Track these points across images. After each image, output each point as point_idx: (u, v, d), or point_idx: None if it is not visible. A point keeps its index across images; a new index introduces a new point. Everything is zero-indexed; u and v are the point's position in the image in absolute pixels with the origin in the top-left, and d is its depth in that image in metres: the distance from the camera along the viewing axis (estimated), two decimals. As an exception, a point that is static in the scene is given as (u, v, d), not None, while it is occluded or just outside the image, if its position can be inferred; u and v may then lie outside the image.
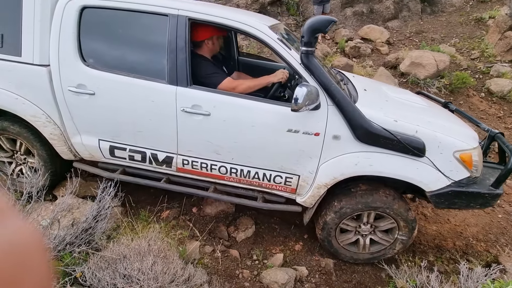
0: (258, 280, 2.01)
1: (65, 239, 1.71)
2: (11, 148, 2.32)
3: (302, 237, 2.41)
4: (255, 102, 1.82)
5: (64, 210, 1.96)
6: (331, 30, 6.36)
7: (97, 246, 1.81)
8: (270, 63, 2.89)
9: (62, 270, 1.58)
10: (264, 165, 1.96)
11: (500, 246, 2.51)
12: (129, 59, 1.90)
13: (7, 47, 1.89)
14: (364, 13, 6.65)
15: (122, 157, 2.10)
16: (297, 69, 1.75)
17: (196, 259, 2.05)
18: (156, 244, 1.75)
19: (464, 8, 6.75)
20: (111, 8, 1.82)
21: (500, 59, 5.14)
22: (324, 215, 2.04)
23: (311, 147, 1.82)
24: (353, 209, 1.96)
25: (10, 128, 2.17)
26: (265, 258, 2.19)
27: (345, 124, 1.74)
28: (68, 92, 1.91)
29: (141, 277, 1.55)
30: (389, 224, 2.06)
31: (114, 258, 1.63)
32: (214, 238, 2.28)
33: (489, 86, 4.60)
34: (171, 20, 1.78)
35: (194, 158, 2.00)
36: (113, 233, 2.03)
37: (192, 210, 2.49)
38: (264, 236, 2.38)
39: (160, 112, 1.87)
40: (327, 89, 1.70)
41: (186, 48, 1.79)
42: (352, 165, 1.80)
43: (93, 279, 1.55)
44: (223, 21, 1.79)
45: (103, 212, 1.92)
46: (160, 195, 2.46)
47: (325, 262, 2.20)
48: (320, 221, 2.07)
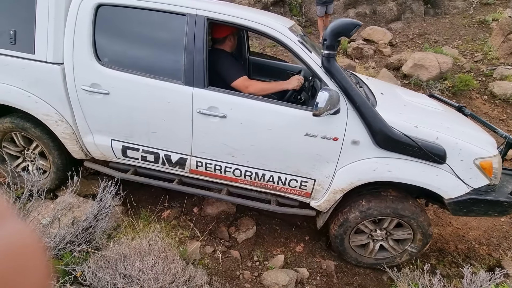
0: (259, 281, 2.00)
1: (65, 238, 1.70)
2: (24, 145, 2.29)
3: (303, 238, 2.40)
4: (273, 105, 1.79)
5: (64, 208, 1.95)
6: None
7: (97, 245, 1.80)
8: (281, 63, 2.86)
9: (62, 269, 1.57)
10: (279, 169, 1.93)
11: (502, 250, 2.49)
12: (144, 58, 1.86)
13: (20, 44, 1.86)
14: (367, 14, 6.63)
15: (134, 158, 2.07)
16: (317, 73, 1.72)
17: (197, 260, 2.04)
18: (157, 244, 1.74)
19: (467, 10, 6.73)
20: (128, 6, 1.78)
21: (503, 62, 5.12)
22: (347, 212, 1.99)
23: (328, 151, 1.80)
24: (380, 212, 1.92)
25: (31, 130, 2.15)
26: (266, 259, 2.17)
27: (364, 129, 1.72)
28: (82, 91, 1.88)
29: (141, 277, 1.53)
30: (405, 234, 2.04)
31: (114, 258, 1.62)
32: (214, 238, 2.27)
33: (492, 88, 4.58)
34: (189, 20, 1.75)
35: (208, 160, 1.97)
36: (113, 232, 2.02)
37: (193, 210, 2.48)
38: (265, 237, 2.37)
39: (175, 113, 1.84)
40: (348, 93, 1.68)
41: (204, 49, 1.76)
42: (370, 170, 1.78)
43: (93, 279, 1.54)
44: (242, 22, 1.76)
45: (104, 211, 1.91)
46: (161, 195, 2.45)
47: (326, 264, 2.19)
48: (340, 217, 2.01)
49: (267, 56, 3.12)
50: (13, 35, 1.85)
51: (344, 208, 2.01)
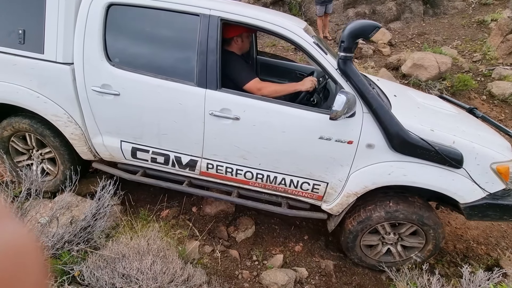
0: (258, 281, 2.00)
1: (63, 237, 1.69)
2: (34, 146, 2.27)
3: (302, 238, 2.40)
4: (287, 108, 1.76)
5: (63, 208, 1.94)
6: (333, 31, 6.35)
7: (96, 245, 1.80)
8: (289, 63, 2.83)
9: (60, 268, 1.56)
10: (292, 172, 1.91)
11: (500, 249, 2.50)
12: (156, 59, 1.84)
13: (29, 43, 1.82)
14: (366, 14, 6.63)
15: (144, 159, 2.05)
16: (333, 75, 1.70)
17: (196, 259, 2.04)
18: (156, 244, 1.74)
19: (466, 10, 6.75)
20: (139, 6, 1.75)
21: (502, 62, 5.13)
22: (371, 210, 1.94)
23: (343, 155, 1.78)
24: (406, 217, 1.90)
25: (50, 139, 2.14)
26: (265, 259, 2.17)
27: (380, 133, 1.70)
28: (92, 92, 1.85)
29: (140, 276, 1.53)
30: (417, 242, 2.03)
31: (113, 257, 1.61)
32: (213, 238, 2.26)
33: (491, 89, 4.59)
34: (202, 20, 1.72)
35: (219, 162, 1.96)
36: (112, 231, 2.01)
37: (192, 209, 2.47)
38: (264, 236, 2.36)
39: (187, 115, 1.82)
40: (365, 96, 1.65)
41: (217, 50, 1.73)
42: (385, 174, 1.77)
43: (91, 278, 1.53)
44: (257, 23, 1.73)
45: (102, 210, 1.90)
46: (159, 194, 2.44)
47: (325, 263, 2.19)
48: (362, 214, 1.97)
49: (275, 56, 3.08)
50: (22, 34, 1.82)
51: (368, 205, 1.97)
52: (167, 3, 1.72)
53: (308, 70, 2.74)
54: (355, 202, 1.95)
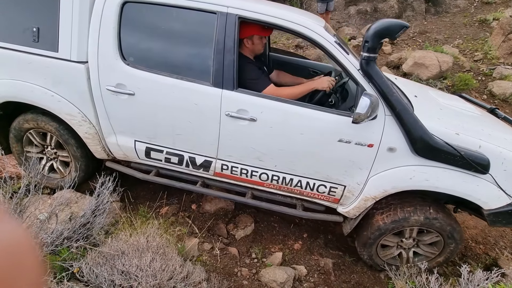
0: (257, 278, 2.00)
1: (62, 233, 1.69)
2: (50, 144, 2.27)
3: (301, 236, 2.40)
4: (305, 109, 1.73)
5: (62, 204, 1.94)
6: (334, 28, 6.32)
7: (95, 242, 1.79)
8: (302, 60, 2.79)
9: (59, 265, 1.56)
10: (308, 174, 1.89)
11: (499, 249, 2.51)
12: (171, 58, 1.81)
13: (44, 42, 1.80)
14: (368, 11, 6.60)
15: (157, 159, 2.04)
16: (355, 76, 1.66)
17: (195, 256, 2.04)
18: (155, 241, 1.74)
19: (468, 9, 6.71)
20: (155, 4, 1.72)
21: (503, 62, 5.11)
22: (410, 212, 1.88)
23: (362, 158, 1.75)
24: (441, 226, 1.86)
25: (72, 148, 2.15)
26: (264, 257, 2.17)
27: (402, 136, 1.65)
28: (106, 91, 1.83)
29: (139, 273, 1.53)
30: (430, 252, 2.02)
31: (112, 254, 1.61)
32: (213, 235, 2.26)
33: (492, 88, 4.58)
34: (219, 19, 1.68)
35: (234, 163, 1.93)
36: (111, 228, 2.01)
37: (191, 206, 2.47)
38: (263, 234, 2.37)
39: (202, 115, 1.80)
40: (388, 98, 1.61)
41: (235, 49, 1.69)
42: (406, 179, 1.73)
43: (91, 275, 1.53)
44: (276, 21, 1.67)
45: (102, 207, 1.90)
46: (159, 191, 2.44)
47: (324, 261, 2.19)
48: (399, 214, 1.89)
49: (288, 52, 3.03)
50: (36, 32, 1.80)
51: (405, 206, 1.91)
52: (183, 0, 1.68)
53: (321, 67, 2.70)
54: (389, 199, 1.91)
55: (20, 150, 2.25)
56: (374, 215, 1.98)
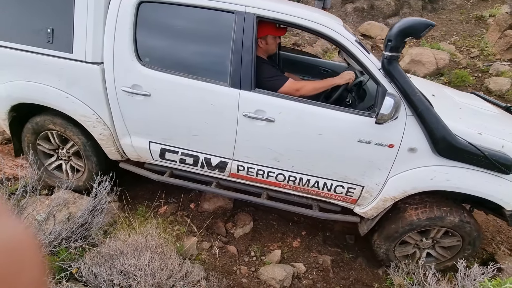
0: (256, 276, 2.01)
1: (60, 234, 1.69)
2: (63, 146, 2.26)
3: (300, 233, 2.41)
4: (324, 109, 1.70)
5: (60, 204, 1.93)
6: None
7: (93, 242, 1.79)
8: (313, 59, 2.77)
9: (57, 265, 1.56)
10: (326, 175, 1.87)
11: (495, 244, 2.53)
12: (188, 59, 1.79)
13: (58, 43, 1.79)
14: (364, 9, 6.60)
15: (172, 160, 2.02)
16: (375, 75, 1.64)
17: (194, 255, 2.04)
18: (154, 240, 1.74)
19: (464, 6, 6.72)
20: (171, 3, 1.70)
21: (499, 58, 5.14)
22: (447, 212, 1.84)
23: (382, 159, 1.73)
24: (470, 232, 1.85)
25: (91, 160, 2.15)
26: (263, 255, 2.18)
27: (424, 136, 1.64)
28: (122, 93, 1.81)
29: (138, 273, 1.53)
30: (441, 256, 2.02)
31: (110, 254, 1.61)
32: (211, 234, 2.27)
33: (488, 84, 4.60)
34: (237, 18, 1.66)
35: (250, 164, 1.91)
36: (109, 228, 2.01)
37: (190, 206, 2.47)
38: (262, 232, 2.37)
39: (219, 116, 1.78)
40: (410, 98, 1.59)
41: (253, 49, 1.67)
42: (427, 179, 1.71)
43: (90, 275, 1.53)
44: (296, 20, 1.65)
45: (100, 207, 1.89)
46: (157, 191, 2.44)
47: (322, 259, 2.20)
48: (435, 212, 1.85)
49: (298, 51, 3.00)
50: (51, 33, 1.78)
51: (442, 205, 1.88)
52: (201, 0, 1.66)
53: (332, 66, 2.68)
54: (423, 196, 1.88)
55: (32, 141, 2.21)
56: (407, 210, 1.93)
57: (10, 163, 2.56)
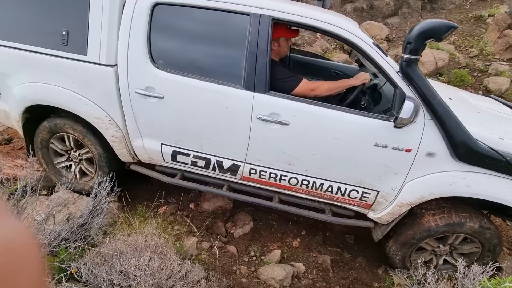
0: (256, 276, 2.01)
1: (60, 234, 1.69)
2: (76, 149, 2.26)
3: (299, 233, 2.41)
4: (340, 113, 1.68)
5: (59, 205, 1.93)
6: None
7: (93, 242, 1.79)
8: (323, 61, 2.75)
9: (57, 265, 1.56)
10: (340, 179, 1.84)
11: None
12: (202, 61, 1.79)
13: (72, 45, 1.80)
14: (364, 9, 6.60)
15: (183, 162, 2.01)
16: (393, 78, 1.61)
17: (194, 255, 2.04)
18: (153, 240, 1.74)
19: (463, 5, 6.73)
20: (186, 6, 1.70)
21: (498, 58, 5.14)
22: (466, 217, 1.80)
23: (399, 163, 1.70)
24: (489, 239, 1.82)
25: (101, 171, 2.16)
26: (263, 254, 2.18)
27: (443, 141, 1.61)
28: (135, 95, 1.81)
29: (138, 273, 1.53)
30: (451, 264, 1.99)
31: (110, 254, 1.61)
32: (211, 234, 2.27)
33: (487, 84, 4.61)
34: (252, 20, 1.65)
35: (263, 167, 1.89)
36: (109, 228, 2.01)
37: (189, 206, 2.47)
38: (261, 232, 2.37)
39: (233, 119, 1.77)
40: (429, 102, 1.56)
41: (268, 51, 1.66)
42: (446, 184, 1.68)
43: (89, 275, 1.53)
44: (311, 22, 1.64)
45: (99, 207, 1.89)
46: (157, 191, 2.44)
47: (322, 258, 2.21)
48: (454, 217, 1.81)
49: (309, 53, 2.98)
50: (65, 35, 1.79)
51: (461, 211, 1.84)
52: (215, 2, 1.66)
53: (343, 68, 2.67)
54: (440, 201, 1.85)
55: (46, 139, 2.21)
56: (423, 215, 1.89)
57: (10, 164, 2.56)
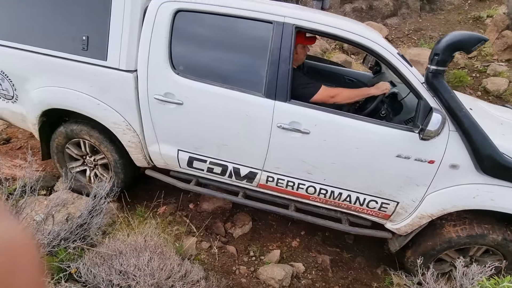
0: (255, 276, 2.01)
1: (59, 234, 1.68)
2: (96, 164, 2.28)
3: (299, 233, 2.41)
4: (362, 122, 1.67)
5: (58, 205, 1.93)
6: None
7: (92, 242, 1.79)
8: (337, 68, 2.74)
9: (56, 266, 1.55)
10: (359, 189, 1.83)
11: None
12: (222, 68, 1.80)
13: (93, 50, 1.81)
14: (363, 9, 6.61)
15: (199, 169, 2.00)
16: (418, 89, 1.61)
17: (193, 255, 2.04)
18: (153, 240, 1.74)
19: (462, 6, 6.75)
20: (208, 13, 1.70)
21: (497, 58, 5.16)
22: (488, 229, 1.77)
23: (421, 175, 1.68)
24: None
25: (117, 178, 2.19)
26: (262, 255, 2.19)
27: (467, 153, 1.60)
28: (154, 100, 1.81)
29: (137, 273, 1.53)
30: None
31: (109, 254, 1.61)
32: (211, 234, 2.27)
33: (486, 85, 4.63)
34: (275, 28, 1.65)
35: (280, 175, 1.88)
36: (108, 228, 2.01)
37: (189, 206, 2.47)
38: (261, 232, 2.38)
39: (253, 126, 1.76)
40: (455, 114, 1.54)
41: (290, 60, 1.65)
42: (469, 197, 1.66)
43: (88, 275, 1.53)
44: (336, 32, 1.63)
45: (98, 207, 1.89)
46: (156, 191, 2.43)
47: (321, 258, 2.21)
48: (476, 229, 1.78)
49: (323, 59, 2.97)
50: (86, 41, 1.80)
51: (483, 222, 1.80)
52: (238, 9, 1.67)
53: (357, 75, 2.67)
54: (461, 212, 1.81)
55: (62, 144, 2.21)
56: (444, 226, 1.87)
57: (8, 163, 2.55)
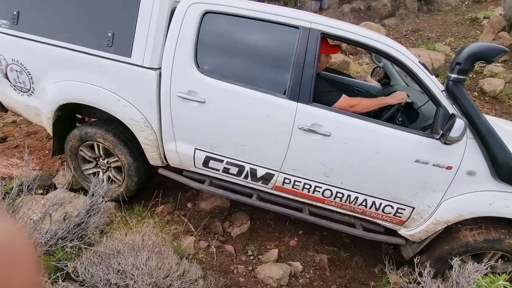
0: (253, 275, 2.02)
1: (57, 233, 1.68)
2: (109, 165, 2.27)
3: (297, 232, 2.42)
4: (383, 127, 1.70)
5: (56, 204, 1.92)
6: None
7: (90, 241, 1.78)
8: (347, 78, 2.77)
9: (53, 265, 1.54)
10: (376, 193, 1.83)
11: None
12: (247, 69, 1.82)
13: (117, 47, 1.82)
14: (361, 9, 6.64)
15: (215, 169, 1.99)
16: (438, 97, 1.65)
17: (191, 254, 2.04)
18: (151, 239, 1.74)
19: (459, 7, 6.80)
20: (237, 16, 1.73)
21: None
22: (505, 234, 1.76)
23: (438, 180, 1.71)
24: None
25: (129, 180, 2.19)
26: (260, 254, 2.19)
27: (484, 160, 1.64)
28: (176, 98, 1.82)
29: (135, 272, 1.53)
30: None
31: (107, 253, 1.61)
32: (209, 233, 2.27)
33: (482, 85, 4.66)
34: (302, 33, 1.69)
35: (297, 178, 1.88)
36: (106, 228, 2.00)
37: (187, 205, 2.47)
38: (259, 231, 2.38)
39: (274, 127, 1.77)
40: (474, 122, 1.60)
41: (315, 64, 1.69)
42: (485, 204, 1.69)
43: (86, 275, 1.53)
44: (360, 39, 1.68)
45: (96, 206, 1.88)
46: (154, 190, 2.43)
47: (319, 257, 2.22)
48: (493, 234, 1.78)
49: (332, 70, 3.01)
50: (111, 37, 1.81)
51: (499, 227, 1.80)
52: (265, 14, 1.70)
53: (366, 87, 2.69)
54: (476, 217, 1.81)
55: (76, 146, 2.21)
56: (460, 230, 1.87)
57: (5, 162, 2.54)
